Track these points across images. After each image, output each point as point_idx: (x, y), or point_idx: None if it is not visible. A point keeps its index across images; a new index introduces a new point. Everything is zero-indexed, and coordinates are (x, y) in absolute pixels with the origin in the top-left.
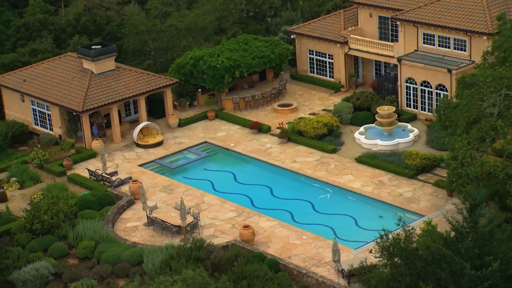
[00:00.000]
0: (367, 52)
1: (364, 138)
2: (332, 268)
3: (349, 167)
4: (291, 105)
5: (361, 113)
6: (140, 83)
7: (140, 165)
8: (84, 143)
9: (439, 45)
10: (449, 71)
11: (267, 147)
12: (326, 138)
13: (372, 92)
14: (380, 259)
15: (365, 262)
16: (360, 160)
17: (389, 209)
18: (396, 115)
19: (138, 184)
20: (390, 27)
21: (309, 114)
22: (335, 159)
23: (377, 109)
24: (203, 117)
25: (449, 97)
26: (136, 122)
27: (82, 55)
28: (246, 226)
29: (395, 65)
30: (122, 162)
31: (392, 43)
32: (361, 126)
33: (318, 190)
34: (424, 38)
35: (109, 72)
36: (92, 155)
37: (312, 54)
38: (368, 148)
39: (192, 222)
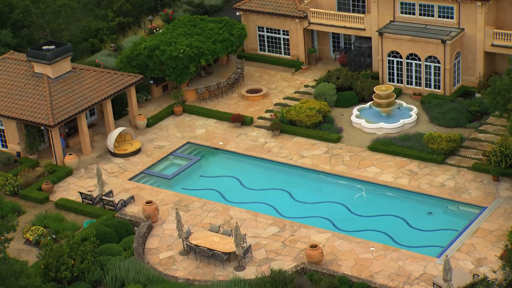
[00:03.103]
0: (332, 26)
1: (365, 122)
2: (431, 284)
3: (366, 157)
4: (261, 90)
5: (346, 94)
6: (104, 84)
7: (130, 179)
8: (55, 159)
9: (420, 14)
10: (443, 41)
11: (261, 142)
12: (322, 125)
13: (347, 69)
14: None
15: (476, 276)
16: (375, 148)
17: (436, 203)
18: (395, 95)
19: (154, 206)
20: None
21: (283, 98)
22: (344, 149)
23: (374, 89)
24: (169, 113)
25: (442, 68)
26: (93, 126)
27: (34, 59)
28: (313, 246)
29: (363, 38)
30: (107, 178)
31: (362, 15)
32: (346, 107)
33: (347, 189)
34: (402, 8)
35: (66, 74)
36: (69, 172)
37: (263, 31)
38: (372, 133)
39: (245, 246)
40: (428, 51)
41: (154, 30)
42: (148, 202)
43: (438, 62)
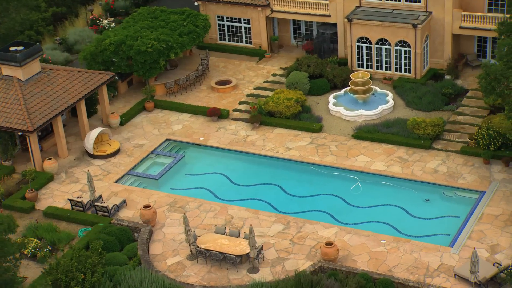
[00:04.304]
0: (295, 13)
1: (344, 110)
2: (452, 275)
3: (352, 146)
4: (230, 81)
5: (318, 81)
6: (77, 84)
7: (116, 182)
8: (34, 165)
9: None
10: (414, 26)
11: (243, 135)
12: (301, 115)
13: (316, 56)
14: None
15: (497, 264)
16: (360, 136)
17: (432, 190)
18: (371, 82)
19: (153, 210)
20: None
21: (253, 89)
22: (328, 138)
23: (351, 76)
24: (140, 109)
25: (412, 52)
26: (64, 126)
27: (2, 61)
28: (329, 244)
29: (327, 24)
30: (92, 181)
31: (327, 1)
32: (319, 95)
33: (340, 180)
34: None
35: (36, 76)
36: (50, 178)
37: (222, 20)
38: (352, 120)
39: (257, 248)
40: (398, 35)
41: (97, 21)
42: (146, 206)
43: (409, 46)
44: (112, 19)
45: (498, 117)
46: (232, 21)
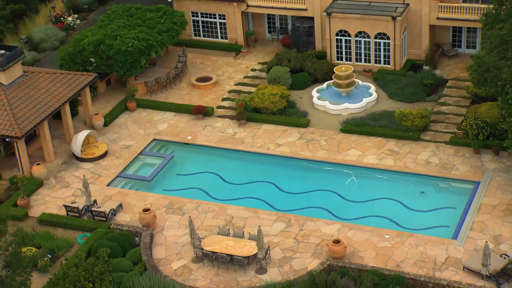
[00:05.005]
0: (272, 7)
1: (329, 104)
2: (460, 268)
3: (342, 140)
4: (211, 78)
5: (299, 76)
6: (60, 86)
7: (108, 185)
8: (22, 171)
9: None
10: (393, 18)
11: (230, 132)
12: (287, 110)
13: (295, 50)
14: None
15: (504, 255)
16: (348, 129)
17: (426, 181)
18: (354, 75)
19: (152, 213)
20: None
21: (234, 85)
22: (316, 133)
23: (334, 69)
24: (123, 109)
25: (392, 44)
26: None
27: None
28: (336, 242)
29: (303, 17)
30: (88, 186)
31: None
32: (301, 89)
33: (334, 175)
34: None
35: (19, 79)
36: (40, 184)
37: (197, 16)
38: (338, 114)
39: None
40: (377, 28)
41: (61, 18)
42: (145, 210)
43: (388, 38)
44: (76, 15)
45: (483, 107)
46: (207, 17)
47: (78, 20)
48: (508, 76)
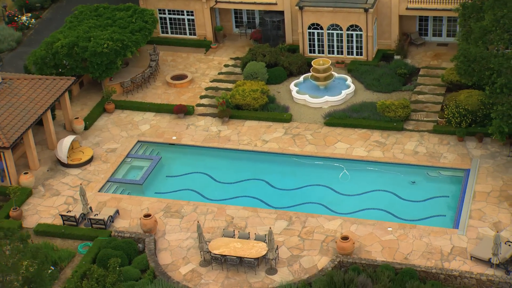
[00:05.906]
0: (241, 2)
1: (309, 97)
2: (468, 258)
3: (327, 133)
4: (186, 76)
5: (275, 70)
6: (41, 92)
7: (100, 190)
8: (9, 180)
9: None
10: (366, 10)
11: (215, 131)
12: (268, 106)
13: (268, 44)
14: None
15: (509, 242)
16: (332, 123)
17: (415, 171)
18: (332, 68)
19: (154, 219)
20: None
21: (210, 82)
22: (301, 127)
23: (312, 63)
24: (101, 111)
25: (364, 36)
26: None
27: None
28: (345, 238)
29: (272, 12)
30: (75, 192)
31: None
32: (278, 83)
33: (325, 169)
34: None
35: None
36: (29, 193)
37: (164, 14)
38: (319, 107)
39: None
40: (350, 20)
41: (15, 17)
42: (146, 216)
43: (360, 30)
44: (30, 14)
45: (462, 95)
46: (174, 14)
47: (33, 19)
48: (495, 65)
